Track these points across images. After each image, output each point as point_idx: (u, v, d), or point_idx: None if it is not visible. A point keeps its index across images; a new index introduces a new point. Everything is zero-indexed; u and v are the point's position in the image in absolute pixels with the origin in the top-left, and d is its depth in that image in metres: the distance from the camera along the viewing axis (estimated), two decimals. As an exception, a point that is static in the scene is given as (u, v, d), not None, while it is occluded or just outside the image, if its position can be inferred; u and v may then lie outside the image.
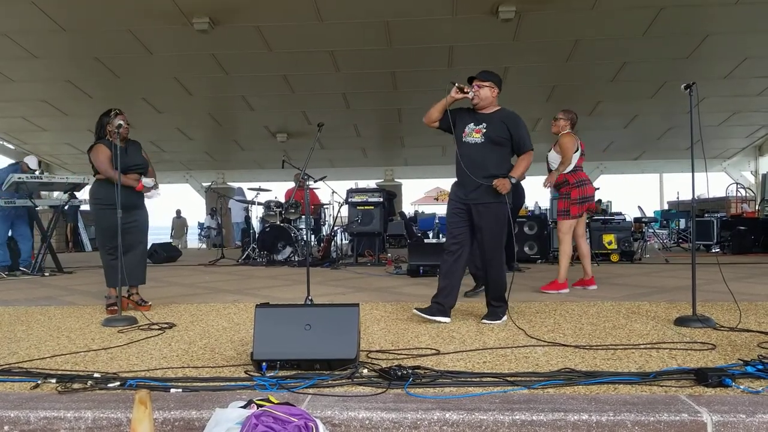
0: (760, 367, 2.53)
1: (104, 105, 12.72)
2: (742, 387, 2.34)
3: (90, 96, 11.64)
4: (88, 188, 8.69)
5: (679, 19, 8.68)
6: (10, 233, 7.96)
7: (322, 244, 10.05)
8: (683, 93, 3.81)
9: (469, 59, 10.00)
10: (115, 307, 4.36)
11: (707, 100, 11.54)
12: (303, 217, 9.20)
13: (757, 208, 12.48)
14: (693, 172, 3.88)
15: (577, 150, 5.50)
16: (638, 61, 10.12)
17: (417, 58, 9.97)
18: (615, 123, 13.81)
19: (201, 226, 18.99)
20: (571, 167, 5.48)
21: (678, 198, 15.85)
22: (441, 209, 17.48)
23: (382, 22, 8.81)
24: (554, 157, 5.58)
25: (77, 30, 8.91)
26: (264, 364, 2.63)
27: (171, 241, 17.33)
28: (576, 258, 5.83)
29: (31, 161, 8.02)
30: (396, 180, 18.05)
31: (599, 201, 10.30)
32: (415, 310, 3.97)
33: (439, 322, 3.87)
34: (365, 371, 2.62)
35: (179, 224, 19.72)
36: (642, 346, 3.10)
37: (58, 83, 11.16)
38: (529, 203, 11.82)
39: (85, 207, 11.14)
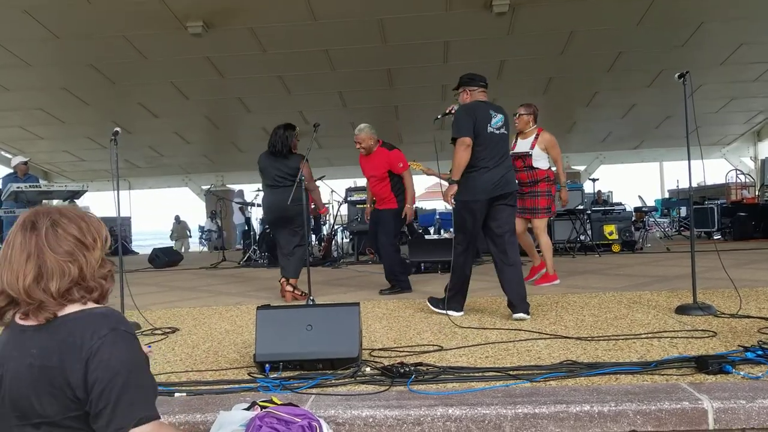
0: (760, 352, 2.54)
1: (101, 111, 12.76)
2: (742, 373, 2.35)
3: (86, 103, 11.65)
4: (88, 195, 8.77)
5: (673, 7, 8.66)
6: None
7: (323, 244, 10.07)
8: (680, 81, 3.81)
9: (464, 54, 9.99)
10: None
11: (704, 87, 11.52)
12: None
13: (757, 193, 12.48)
14: (689, 160, 3.89)
15: None
16: (634, 51, 10.10)
17: (412, 54, 9.96)
18: (613, 113, 13.79)
19: (201, 229, 19.00)
20: (549, 164, 5.44)
21: (678, 186, 15.83)
22: (441, 205, 17.48)
23: (376, 19, 8.79)
24: (539, 154, 5.41)
25: (71, 37, 8.91)
26: (267, 365, 2.65)
27: (173, 245, 17.38)
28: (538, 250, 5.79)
29: (15, 160, 8.42)
30: (395, 177, 18.04)
31: (599, 191, 10.32)
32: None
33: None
34: (368, 369, 2.64)
35: (180, 229, 19.73)
36: (643, 336, 3.11)
37: (53, 91, 11.16)
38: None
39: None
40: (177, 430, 1.32)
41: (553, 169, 5.49)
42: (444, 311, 3.96)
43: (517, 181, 5.43)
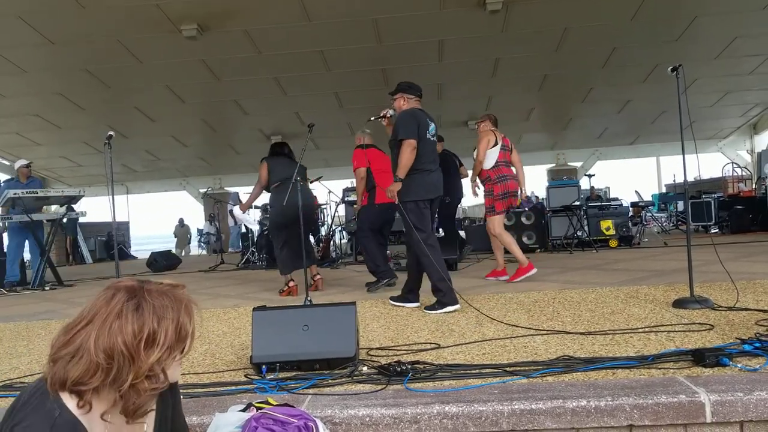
0: (757, 344, 2.54)
1: (97, 116, 12.72)
2: (739, 365, 2.35)
3: (82, 108, 11.63)
4: (85, 200, 8.78)
5: (666, 1, 8.65)
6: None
7: (321, 245, 10.06)
8: (674, 76, 3.81)
9: (459, 53, 10.00)
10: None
11: (699, 81, 11.53)
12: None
13: (753, 186, 12.48)
14: (684, 154, 3.89)
15: (496, 145, 5.58)
16: (628, 46, 10.10)
17: (407, 53, 9.95)
18: (608, 109, 13.78)
19: (200, 232, 18.99)
20: (492, 163, 5.55)
21: (675, 181, 15.85)
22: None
23: (371, 19, 8.79)
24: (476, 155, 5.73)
25: (65, 42, 8.89)
26: (264, 366, 2.64)
27: (174, 249, 17.36)
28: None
29: (17, 164, 8.38)
30: (393, 176, 18.04)
31: (592, 188, 10.31)
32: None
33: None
34: (365, 369, 2.64)
35: (182, 233, 19.70)
36: (640, 330, 3.11)
37: (49, 97, 11.13)
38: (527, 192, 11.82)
39: (84, 219, 11.14)
40: None
41: (489, 167, 5.59)
42: (441, 310, 4.04)
43: None
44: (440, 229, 8.25)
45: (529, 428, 2.10)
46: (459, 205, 8.78)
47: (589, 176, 10.92)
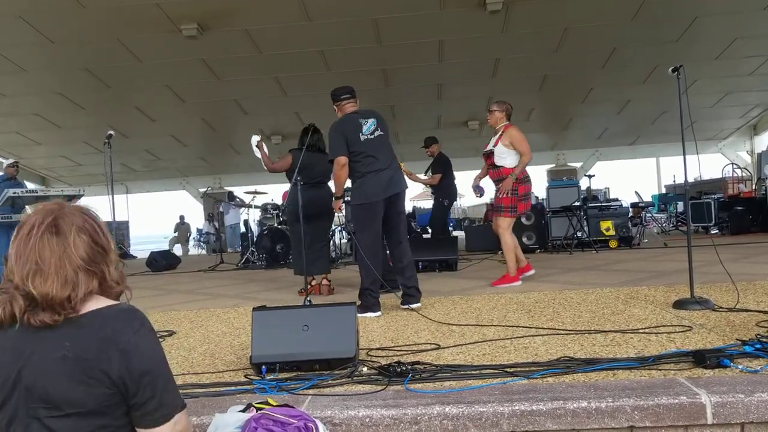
0: (758, 346, 2.53)
1: (97, 116, 12.70)
2: (740, 367, 2.34)
3: (82, 107, 11.63)
4: (85, 200, 8.77)
5: (667, 2, 8.66)
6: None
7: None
8: (675, 76, 3.80)
9: (459, 53, 10.00)
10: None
11: (699, 82, 11.53)
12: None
13: (753, 187, 12.47)
14: (684, 155, 3.89)
15: None
16: (628, 47, 10.10)
17: (407, 54, 9.95)
18: (608, 109, 13.79)
19: (200, 232, 18.98)
20: (517, 161, 5.28)
21: (675, 181, 15.83)
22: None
23: (371, 19, 8.78)
24: (503, 151, 5.28)
25: (65, 42, 8.89)
26: (263, 367, 2.63)
27: (171, 248, 17.33)
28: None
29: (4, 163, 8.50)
30: (393, 177, 18.03)
31: (588, 188, 10.31)
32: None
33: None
34: (365, 369, 2.63)
35: (183, 230, 19.68)
36: (641, 331, 3.11)
37: (49, 96, 11.13)
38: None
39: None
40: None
41: (515, 165, 5.33)
42: (362, 314, 4.01)
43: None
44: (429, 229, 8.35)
45: (529, 429, 2.10)
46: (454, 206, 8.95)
47: (589, 177, 10.91)
